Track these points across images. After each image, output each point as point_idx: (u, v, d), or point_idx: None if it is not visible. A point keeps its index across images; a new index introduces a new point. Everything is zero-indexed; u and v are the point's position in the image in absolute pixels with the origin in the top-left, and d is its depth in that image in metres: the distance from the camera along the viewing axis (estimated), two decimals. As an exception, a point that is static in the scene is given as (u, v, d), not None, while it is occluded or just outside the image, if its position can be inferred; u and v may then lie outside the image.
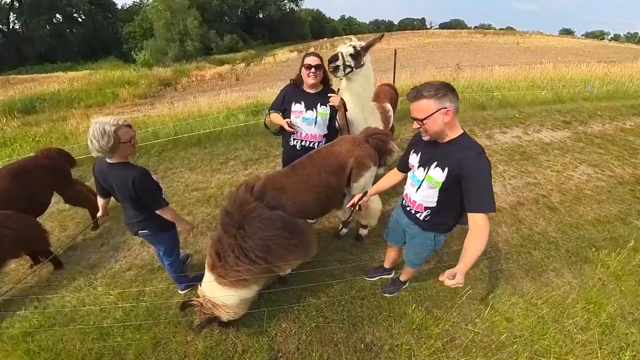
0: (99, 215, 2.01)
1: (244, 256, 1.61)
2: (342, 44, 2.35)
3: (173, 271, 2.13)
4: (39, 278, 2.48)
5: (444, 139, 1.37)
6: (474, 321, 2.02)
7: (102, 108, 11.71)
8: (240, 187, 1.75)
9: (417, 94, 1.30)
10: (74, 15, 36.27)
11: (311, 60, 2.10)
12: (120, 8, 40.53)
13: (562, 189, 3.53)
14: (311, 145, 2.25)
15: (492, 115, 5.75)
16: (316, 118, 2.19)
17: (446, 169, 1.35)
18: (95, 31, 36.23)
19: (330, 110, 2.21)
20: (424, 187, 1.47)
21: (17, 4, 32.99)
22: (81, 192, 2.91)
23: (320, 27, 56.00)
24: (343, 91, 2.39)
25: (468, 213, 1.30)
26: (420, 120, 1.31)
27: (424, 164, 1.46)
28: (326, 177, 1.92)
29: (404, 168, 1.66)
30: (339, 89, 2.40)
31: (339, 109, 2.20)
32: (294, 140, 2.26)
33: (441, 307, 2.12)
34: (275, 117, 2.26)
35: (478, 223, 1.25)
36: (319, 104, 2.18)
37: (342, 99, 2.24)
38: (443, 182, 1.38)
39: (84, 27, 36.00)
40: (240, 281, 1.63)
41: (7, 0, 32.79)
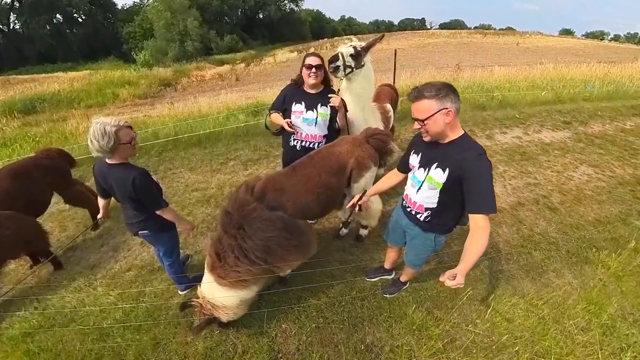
0: (99, 217, 2.01)
1: (244, 257, 1.61)
2: (342, 44, 2.34)
3: (173, 272, 2.13)
4: (38, 278, 2.48)
5: (445, 140, 1.37)
6: (475, 322, 2.02)
7: (102, 108, 11.72)
8: (240, 187, 1.75)
9: (418, 94, 1.29)
10: (74, 15, 36.29)
11: (312, 61, 2.10)
12: (120, 8, 40.61)
13: (563, 189, 3.53)
14: (311, 146, 2.24)
15: (492, 115, 5.75)
16: (316, 118, 2.18)
17: (447, 170, 1.35)
18: (95, 31, 36.25)
19: (330, 111, 2.21)
20: (424, 188, 1.47)
21: (18, 4, 33.02)
22: (81, 192, 2.91)
23: (320, 28, 56.02)
24: (343, 91, 2.38)
25: (469, 214, 1.30)
26: (421, 120, 1.31)
27: (425, 164, 1.45)
28: (326, 177, 1.91)
29: (404, 169, 1.65)
30: (339, 89, 2.40)
31: (339, 109, 2.20)
32: (294, 140, 2.26)
33: (442, 308, 2.11)
34: (276, 117, 2.26)
35: (479, 224, 1.25)
36: (319, 104, 2.17)
37: (342, 99, 2.23)
38: (444, 183, 1.37)
39: (84, 27, 36.02)
40: (240, 282, 1.63)
41: (7, 1, 32.83)
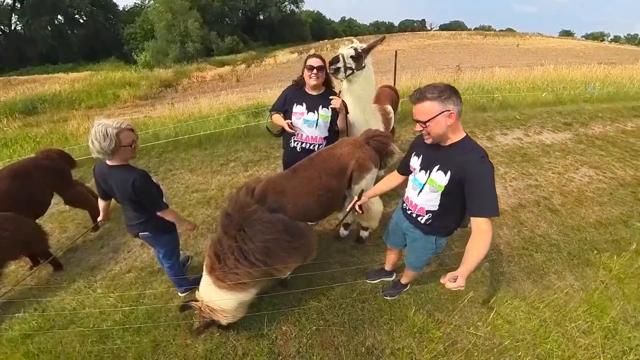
0: (99, 219, 2.00)
1: (244, 259, 1.60)
2: (342, 45, 2.34)
3: (173, 274, 2.12)
4: (38, 280, 2.48)
5: (447, 142, 1.36)
6: (476, 325, 2.01)
7: (103, 109, 11.74)
8: (241, 189, 1.75)
9: (420, 95, 1.28)
10: (76, 16, 36.39)
11: (313, 62, 2.10)
12: (121, 9, 40.70)
13: (564, 191, 3.52)
14: (312, 148, 2.24)
15: (492, 116, 5.75)
16: (317, 120, 2.18)
17: (449, 173, 1.34)
18: (96, 32, 36.33)
19: (331, 113, 2.20)
20: (426, 190, 1.46)
21: (19, 5, 33.14)
22: (81, 193, 2.91)
23: (321, 29, 56.15)
24: (344, 93, 2.38)
25: (471, 217, 1.29)
26: (423, 122, 1.30)
27: (426, 167, 1.45)
28: (327, 179, 1.91)
29: (404, 171, 1.64)
30: (340, 91, 2.40)
31: (340, 111, 2.20)
32: (294, 142, 2.26)
33: (443, 310, 2.10)
34: (277, 118, 2.26)
35: (481, 227, 1.25)
36: (320, 106, 2.17)
37: (343, 101, 2.23)
38: (446, 186, 1.36)
39: (85, 28, 36.10)
40: (239, 284, 1.62)
41: (9, 2, 32.99)
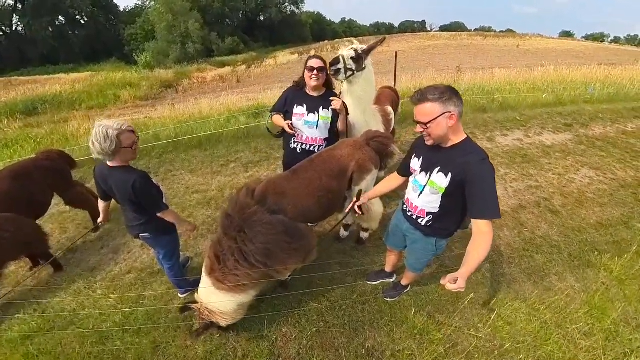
0: (100, 220, 2.00)
1: (244, 260, 1.60)
2: (343, 46, 2.34)
3: (173, 275, 2.12)
4: (38, 281, 2.47)
5: (447, 144, 1.36)
6: (477, 326, 2.00)
7: (104, 110, 11.76)
8: (241, 190, 1.75)
9: (421, 97, 1.27)
10: (77, 17, 36.51)
11: (314, 63, 2.10)
12: (122, 10, 40.83)
13: (564, 192, 3.52)
14: (312, 149, 2.24)
15: (493, 117, 5.75)
16: (318, 121, 2.18)
17: (450, 175, 1.34)
18: (97, 33, 36.44)
19: (332, 114, 2.20)
20: (426, 192, 1.46)
21: (20, 6, 33.25)
22: (81, 194, 2.91)
23: (321, 30, 56.28)
24: (344, 94, 2.38)
25: (472, 219, 1.29)
26: (424, 123, 1.29)
27: (426, 168, 1.44)
28: (327, 181, 1.91)
29: (404, 172, 1.64)
30: (340, 92, 2.40)
31: (340, 112, 2.20)
32: (294, 143, 2.26)
33: (443, 312, 2.10)
34: (277, 119, 2.26)
35: (482, 229, 1.24)
36: (321, 107, 2.17)
37: (343, 102, 2.23)
38: (446, 188, 1.36)
39: (86, 29, 36.21)
40: (238, 286, 1.62)
41: (10, 2, 33.12)
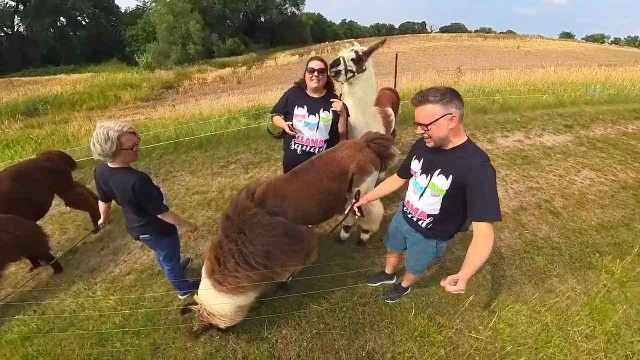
0: (100, 222, 2.00)
1: (244, 262, 1.59)
2: (343, 48, 2.35)
3: (173, 276, 2.11)
4: (38, 282, 2.47)
5: (448, 146, 1.35)
6: (478, 328, 1.99)
7: (104, 111, 11.79)
8: (241, 192, 1.75)
9: (422, 98, 1.27)
10: (78, 18, 36.65)
11: (315, 64, 2.10)
12: (123, 11, 40.98)
13: (565, 193, 3.51)
14: (312, 150, 2.24)
15: (493, 119, 5.75)
16: (318, 123, 2.18)
17: (450, 177, 1.33)
18: (98, 34, 36.56)
19: (332, 116, 2.20)
20: (427, 194, 1.45)
21: (22, 7, 33.37)
22: (82, 194, 2.91)
23: (322, 31, 56.43)
24: (345, 96, 2.38)
25: (473, 222, 1.28)
26: (425, 125, 1.29)
27: (427, 170, 1.44)
28: (328, 183, 1.90)
29: (404, 174, 1.63)
30: (341, 93, 2.40)
31: (341, 114, 2.20)
32: (295, 144, 2.26)
33: (444, 314, 2.09)
34: (277, 120, 2.26)
35: (483, 232, 1.24)
36: (321, 109, 2.17)
37: (344, 104, 2.23)
38: (447, 190, 1.36)
39: (87, 30, 36.34)
40: (238, 288, 1.61)
41: (12, 3, 33.27)
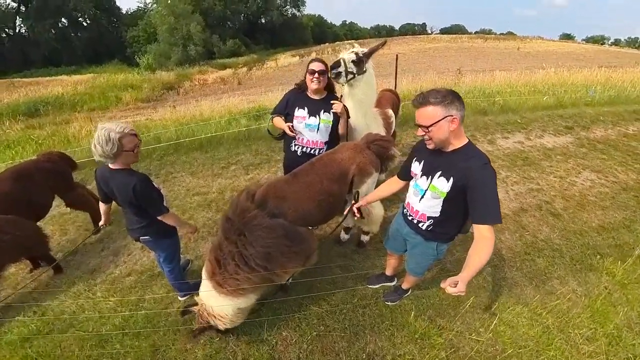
0: (101, 223, 2.00)
1: (244, 264, 1.59)
2: (344, 49, 2.34)
3: (173, 278, 2.11)
4: (38, 283, 2.47)
5: (449, 148, 1.35)
6: (478, 331, 1.99)
7: (105, 112, 11.82)
8: (241, 193, 1.74)
9: (423, 100, 1.27)
10: (79, 19, 36.79)
11: (315, 66, 2.10)
12: (124, 13, 41.11)
13: (566, 195, 3.50)
14: (312, 152, 2.24)
15: (493, 120, 5.75)
16: (319, 125, 2.18)
17: (451, 179, 1.33)
18: (100, 35, 36.68)
19: (333, 118, 2.20)
20: (427, 196, 1.45)
21: (24, 8, 33.51)
22: (82, 195, 2.91)
23: (322, 32, 56.51)
24: (345, 97, 2.38)
25: (473, 224, 1.28)
26: (426, 127, 1.28)
27: (427, 172, 1.43)
28: (328, 184, 1.90)
29: (405, 176, 1.63)
30: (341, 95, 2.40)
31: (341, 116, 2.20)
32: (295, 145, 2.26)
33: (444, 316, 2.08)
34: (278, 121, 2.26)
35: (483, 234, 1.24)
36: (322, 110, 2.17)
37: (344, 105, 2.23)
38: (448, 193, 1.35)
39: (88, 31, 36.46)
40: (238, 290, 1.61)
41: (13, 5, 33.40)
